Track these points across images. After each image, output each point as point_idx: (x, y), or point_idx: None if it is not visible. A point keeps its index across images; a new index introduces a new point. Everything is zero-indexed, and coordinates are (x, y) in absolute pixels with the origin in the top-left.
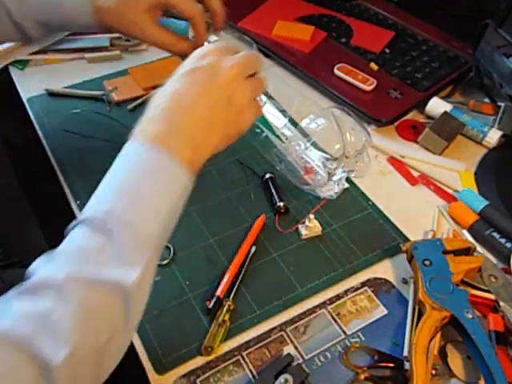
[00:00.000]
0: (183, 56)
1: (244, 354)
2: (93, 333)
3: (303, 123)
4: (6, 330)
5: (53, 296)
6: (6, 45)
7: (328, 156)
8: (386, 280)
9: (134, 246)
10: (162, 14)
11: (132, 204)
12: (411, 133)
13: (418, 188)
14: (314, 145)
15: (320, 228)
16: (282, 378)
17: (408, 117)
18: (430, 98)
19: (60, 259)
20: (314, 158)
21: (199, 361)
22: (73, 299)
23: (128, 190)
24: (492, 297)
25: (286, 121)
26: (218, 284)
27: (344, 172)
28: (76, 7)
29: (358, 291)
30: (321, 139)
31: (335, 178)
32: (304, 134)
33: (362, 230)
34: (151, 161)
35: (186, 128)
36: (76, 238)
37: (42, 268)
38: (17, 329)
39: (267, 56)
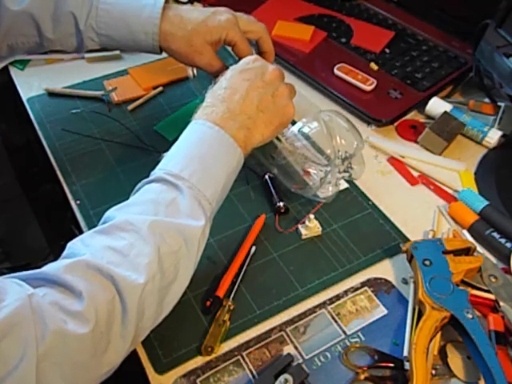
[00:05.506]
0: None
1: (244, 354)
2: (162, 272)
3: (296, 127)
4: (88, 259)
5: (132, 236)
6: None
7: (321, 160)
8: (386, 280)
9: (198, 205)
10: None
11: (197, 170)
12: (411, 133)
13: (418, 188)
14: (312, 146)
15: (320, 228)
16: (282, 378)
17: (408, 117)
18: (429, 97)
19: (135, 208)
20: (310, 159)
21: (199, 361)
22: (149, 241)
23: (193, 159)
24: (492, 297)
25: None
26: (218, 284)
27: (338, 175)
28: (144, 29)
29: (358, 291)
30: (313, 143)
31: (329, 181)
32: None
33: (361, 230)
34: (212, 137)
35: (239, 114)
36: (149, 191)
37: (118, 214)
38: (99, 258)
39: None
